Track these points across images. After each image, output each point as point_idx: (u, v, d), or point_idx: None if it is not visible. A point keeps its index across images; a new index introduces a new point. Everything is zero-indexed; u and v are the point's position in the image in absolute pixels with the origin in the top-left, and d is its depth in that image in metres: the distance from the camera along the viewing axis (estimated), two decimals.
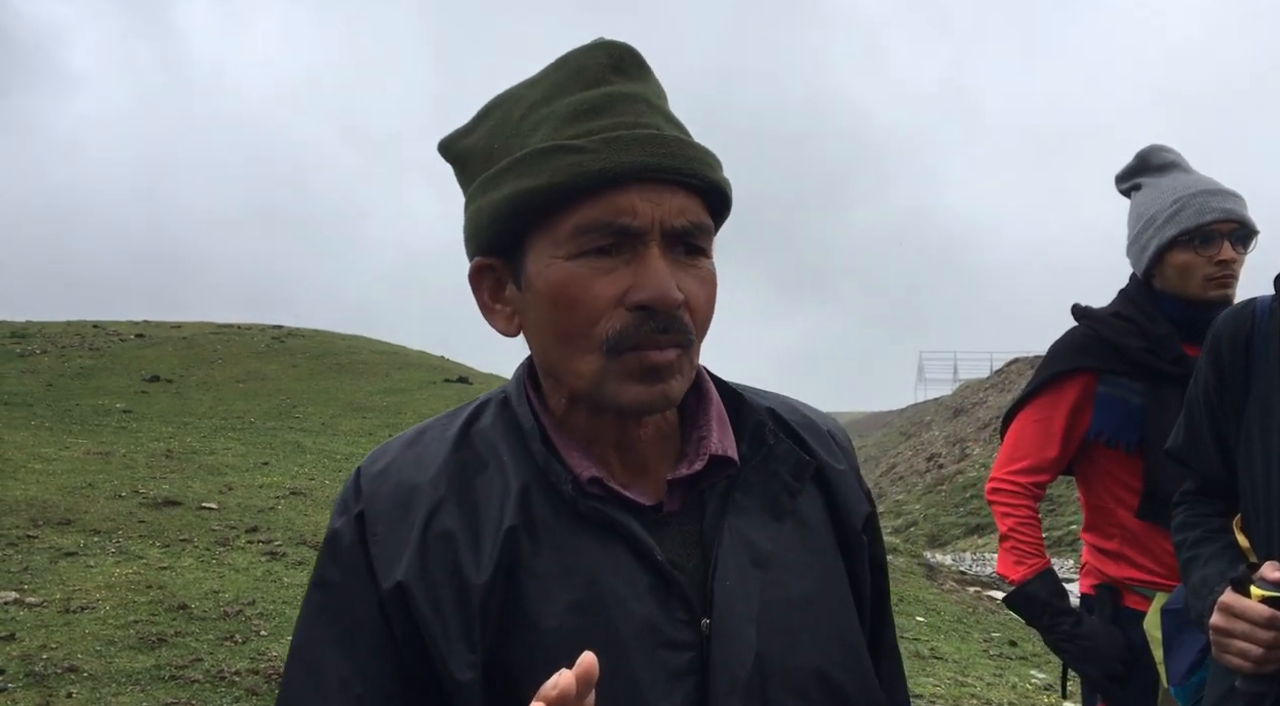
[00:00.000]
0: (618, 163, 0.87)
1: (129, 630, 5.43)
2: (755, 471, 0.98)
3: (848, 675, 0.95)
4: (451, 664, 0.87)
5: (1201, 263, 2.18)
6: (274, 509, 8.65)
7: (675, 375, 0.90)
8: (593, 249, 0.88)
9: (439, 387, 15.99)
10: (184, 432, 11.93)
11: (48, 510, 7.74)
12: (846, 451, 1.07)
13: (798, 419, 1.05)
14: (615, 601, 0.88)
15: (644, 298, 0.87)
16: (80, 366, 15.84)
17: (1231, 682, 1.54)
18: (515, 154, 0.91)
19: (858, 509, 1.03)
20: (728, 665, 0.89)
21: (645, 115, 0.91)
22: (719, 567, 0.92)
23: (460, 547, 0.90)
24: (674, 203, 0.89)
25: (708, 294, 0.93)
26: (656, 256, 0.88)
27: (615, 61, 0.93)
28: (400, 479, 0.94)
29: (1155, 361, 2.20)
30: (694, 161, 0.90)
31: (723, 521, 0.94)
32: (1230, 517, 1.68)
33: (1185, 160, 2.33)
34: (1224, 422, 1.66)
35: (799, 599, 0.95)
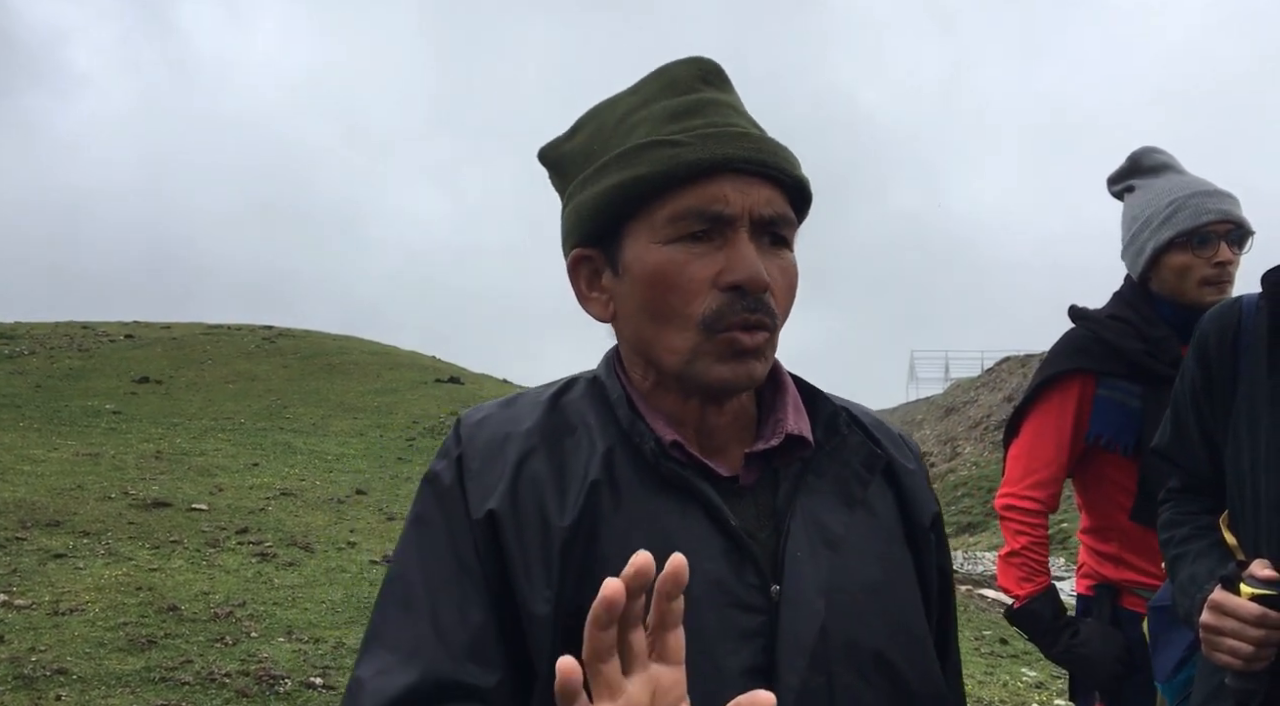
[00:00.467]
0: (712, 154, 0.95)
1: (118, 632, 5.40)
2: (828, 458, 1.03)
3: (910, 664, 0.99)
4: (530, 597, 0.92)
5: (1199, 264, 2.17)
6: (264, 510, 8.62)
7: (760, 358, 0.97)
8: (688, 234, 0.96)
9: (430, 388, 15.96)
10: (174, 433, 11.89)
11: (36, 512, 7.70)
12: (916, 455, 1.12)
13: (870, 420, 1.12)
14: (689, 560, 0.90)
15: (736, 278, 0.94)
16: (69, 367, 15.78)
17: (1221, 679, 1.54)
18: (615, 151, 0.99)
19: (926, 507, 1.08)
20: (795, 630, 0.94)
21: (734, 117, 1.00)
22: (790, 538, 0.97)
23: (547, 492, 0.96)
24: (762, 193, 0.96)
25: (789, 282, 0.99)
26: (746, 241, 0.95)
27: (704, 74, 1.03)
28: (496, 428, 1.01)
29: (1154, 364, 2.19)
30: (780, 157, 0.98)
31: (795, 497, 1.00)
32: (1217, 515, 1.69)
33: (1178, 161, 2.32)
34: (1211, 420, 1.66)
35: (866, 584, 0.99)
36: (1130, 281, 2.32)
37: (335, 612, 6.15)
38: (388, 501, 9.44)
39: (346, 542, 7.84)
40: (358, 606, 6.30)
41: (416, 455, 11.88)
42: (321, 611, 6.15)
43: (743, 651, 0.92)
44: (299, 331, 20.41)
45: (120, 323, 20.63)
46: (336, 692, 4.89)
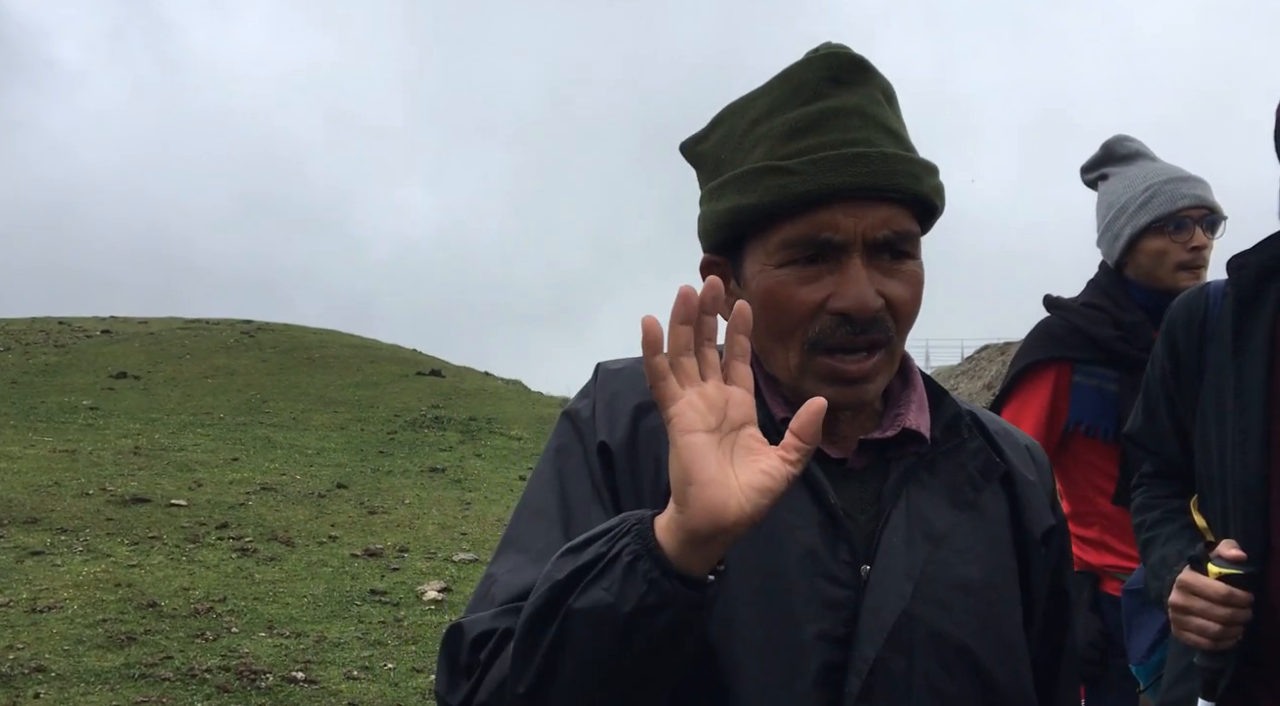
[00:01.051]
0: (821, 185, 0.97)
1: (97, 629, 5.37)
2: (945, 457, 1.06)
3: (999, 664, 1.01)
4: None
5: (1175, 249, 2.20)
6: (244, 505, 8.58)
7: (871, 379, 1.01)
8: (799, 259, 0.99)
9: (411, 381, 15.91)
10: (152, 429, 11.80)
11: (13, 509, 7.63)
12: (1041, 467, 1.14)
13: (997, 428, 1.13)
14: (785, 527, 0.98)
15: (843, 305, 0.98)
16: (45, 363, 15.63)
17: (1190, 659, 1.56)
18: (736, 169, 1.03)
19: (1041, 519, 1.09)
20: (878, 609, 0.97)
21: (856, 130, 1.00)
22: (889, 523, 1.01)
23: (663, 444, 0.96)
24: (876, 216, 0.98)
25: (912, 293, 1.02)
26: (857, 266, 0.98)
27: (834, 73, 1.02)
28: (628, 380, 1.07)
29: (1129, 349, 2.22)
30: (897, 176, 0.98)
31: (902, 488, 1.03)
32: (1188, 498, 1.71)
33: (1150, 149, 2.34)
34: (1180, 405, 1.68)
35: (963, 581, 1.02)
36: (1105, 268, 2.34)
37: (316, 607, 6.13)
38: (369, 495, 9.41)
39: (328, 536, 7.81)
40: (339, 600, 6.28)
41: (398, 448, 11.84)
42: (303, 606, 6.13)
43: (825, 619, 0.97)
44: (278, 325, 20.28)
45: (97, 318, 20.44)
46: (318, 687, 4.88)
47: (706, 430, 0.82)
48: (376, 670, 5.16)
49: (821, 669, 0.96)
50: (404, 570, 7.04)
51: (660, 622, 0.81)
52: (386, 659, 5.32)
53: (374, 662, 5.25)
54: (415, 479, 10.37)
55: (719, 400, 0.83)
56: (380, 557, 7.31)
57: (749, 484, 0.81)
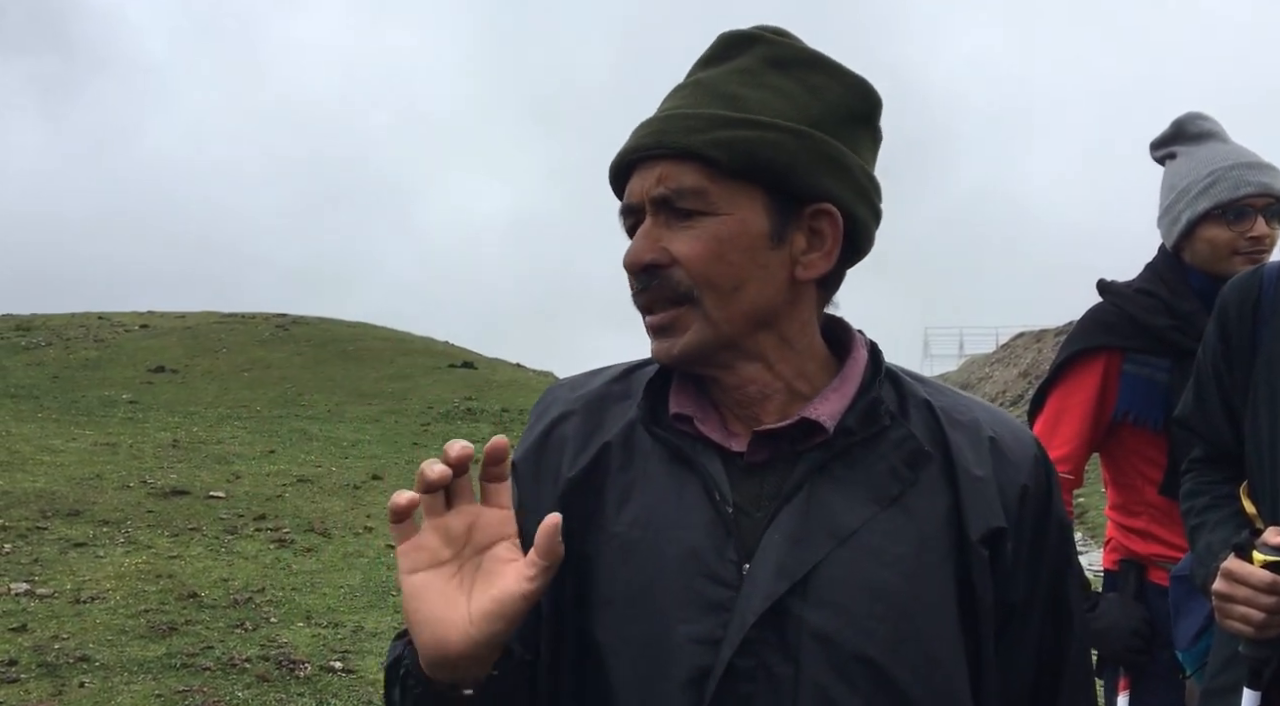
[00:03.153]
0: (620, 153, 1.01)
1: (139, 619, 5.46)
2: (862, 449, 0.98)
3: (915, 680, 0.92)
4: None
5: (1233, 238, 2.13)
6: (281, 496, 8.68)
7: (676, 333, 0.99)
8: (627, 228, 1.03)
9: (443, 373, 16.01)
10: (190, 422, 11.96)
11: (56, 501, 7.77)
12: (1009, 463, 1.00)
13: (961, 417, 1.02)
14: (670, 524, 0.97)
15: (624, 262, 1.00)
16: (86, 358, 15.88)
17: (1235, 647, 1.54)
18: None
19: (982, 520, 0.97)
20: (742, 608, 0.93)
21: (679, 100, 1.01)
22: (776, 519, 0.95)
23: (568, 450, 1.03)
24: (652, 174, 0.99)
25: (703, 249, 0.97)
26: (645, 225, 0.99)
27: (710, 53, 1.04)
28: (555, 394, 1.11)
29: (1182, 339, 2.15)
30: (664, 133, 0.98)
31: (806, 483, 0.96)
32: (1238, 484, 1.68)
33: (1223, 129, 2.27)
34: (1232, 390, 1.65)
35: (875, 587, 0.93)
36: (1164, 252, 2.28)
37: (353, 597, 6.20)
38: (404, 486, 9.42)
39: (363, 528, 7.89)
40: (375, 590, 6.34)
41: (431, 440, 11.92)
42: (340, 596, 6.19)
43: (703, 621, 0.93)
44: (312, 319, 20.47)
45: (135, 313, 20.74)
46: (356, 676, 4.93)
47: (432, 565, 0.87)
48: None
49: (693, 671, 0.92)
50: None
51: None
52: None
53: None
54: None
55: (459, 529, 0.88)
56: None
57: (479, 612, 0.85)
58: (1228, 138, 2.25)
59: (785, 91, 1.00)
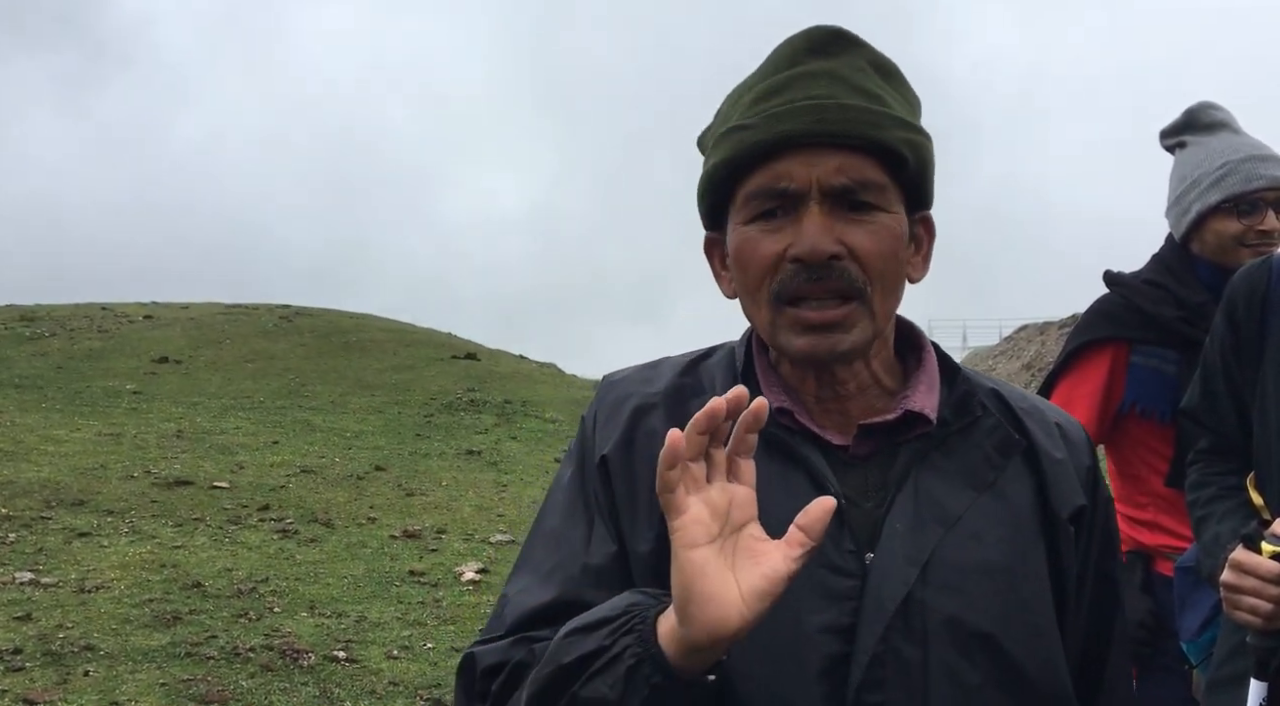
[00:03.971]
0: (773, 133, 0.97)
1: (144, 608, 5.47)
2: (958, 438, 1.03)
3: (1026, 651, 0.98)
4: (634, 536, 1.01)
5: (1243, 230, 2.12)
6: (285, 487, 8.69)
7: (843, 330, 0.98)
8: (761, 213, 0.99)
9: (446, 364, 16.01)
10: (194, 413, 11.97)
11: (61, 491, 7.79)
12: (1074, 445, 1.09)
13: (1025, 405, 1.09)
14: (785, 518, 0.97)
15: (797, 251, 0.97)
16: (89, 348, 15.89)
17: (1242, 637, 1.54)
18: (713, 139, 1.05)
19: (1069, 499, 1.04)
20: (879, 596, 0.95)
21: (820, 88, 0.99)
22: (893, 509, 0.99)
23: (659, 445, 1.00)
24: (831, 163, 0.97)
25: (878, 245, 0.98)
26: (814, 214, 0.97)
27: (811, 44, 1.02)
28: (626, 388, 1.10)
29: (1190, 330, 2.15)
30: (852, 123, 0.97)
31: (911, 472, 1.00)
32: (1245, 475, 1.67)
33: (1235, 120, 2.25)
34: (1240, 381, 1.65)
35: (983, 565, 0.98)
36: (1171, 242, 2.27)
37: (357, 587, 6.21)
38: (407, 477, 9.49)
39: (366, 518, 7.90)
40: (378, 581, 6.35)
41: (434, 431, 11.93)
42: (343, 586, 6.20)
43: (828, 611, 0.95)
44: (315, 310, 20.47)
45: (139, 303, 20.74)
46: (359, 666, 4.95)
47: (709, 541, 0.84)
48: (416, 649, 5.22)
49: (826, 661, 0.95)
50: (442, 551, 7.10)
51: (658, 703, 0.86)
52: (426, 638, 5.38)
53: (414, 642, 5.31)
54: (452, 461, 10.44)
55: (723, 504, 0.86)
56: (418, 539, 7.37)
57: (750, 590, 0.83)
58: (1240, 128, 2.23)
59: (900, 99, 1.04)
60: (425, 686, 4.77)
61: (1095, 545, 1.08)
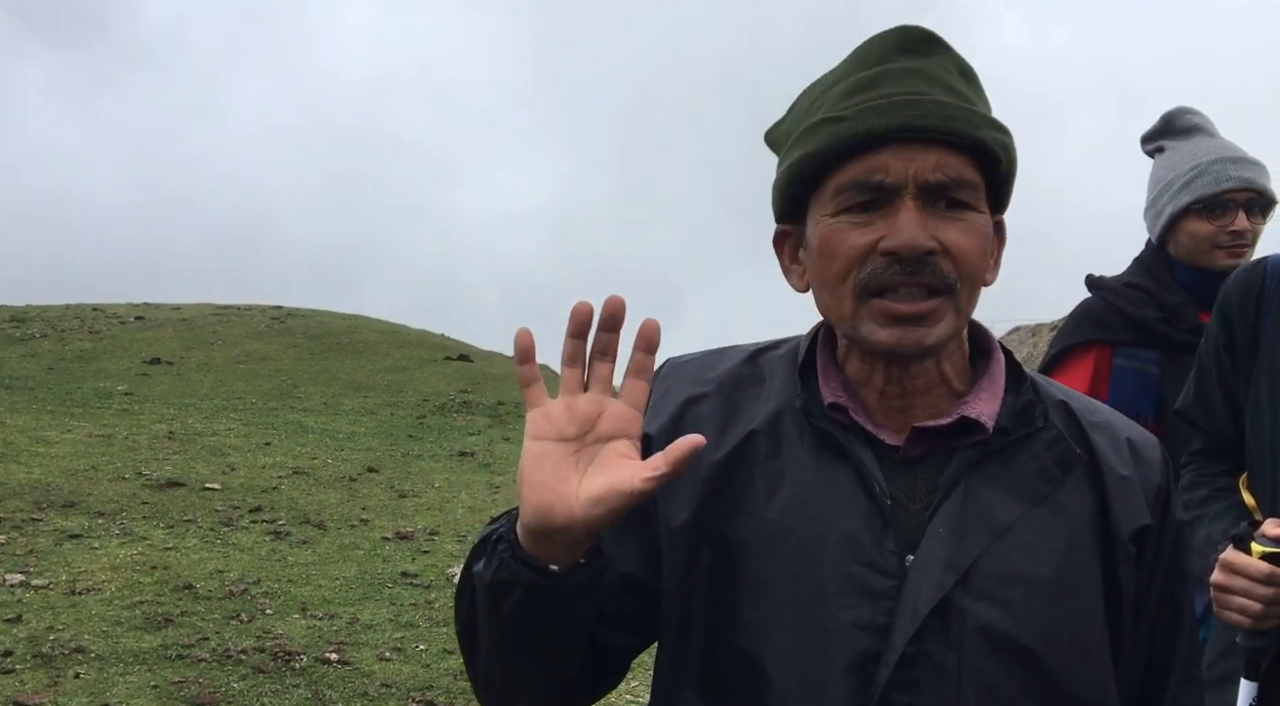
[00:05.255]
0: (871, 125, 0.96)
1: (135, 610, 5.45)
2: (1016, 448, 1.02)
3: (1068, 668, 0.97)
4: (669, 512, 1.03)
5: (1214, 232, 2.16)
6: (277, 488, 8.67)
7: (930, 323, 0.97)
8: (853, 205, 0.98)
9: (439, 366, 16.00)
10: (185, 414, 11.94)
11: (51, 493, 7.75)
12: (1145, 463, 1.06)
13: (1096, 419, 1.07)
14: (827, 513, 0.99)
15: (892, 244, 0.96)
16: (80, 349, 15.84)
17: (1233, 637, 1.54)
18: (799, 131, 1.03)
19: (1132, 518, 1.02)
20: (913, 599, 0.95)
21: (915, 85, 0.99)
22: (939, 514, 0.98)
23: (707, 430, 1.03)
24: (928, 159, 0.96)
25: (972, 243, 0.98)
26: (910, 208, 0.96)
27: (902, 43, 1.02)
28: (686, 373, 1.11)
29: (1171, 331, 2.18)
30: (951, 120, 0.97)
31: (962, 479, 1.00)
32: (1238, 477, 1.68)
33: (1211, 124, 2.28)
34: (1234, 382, 1.65)
35: (1030, 579, 0.97)
36: (1151, 246, 2.31)
37: (349, 589, 6.19)
38: (399, 479, 9.48)
39: (359, 519, 7.88)
40: (371, 582, 6.34)
41: (427, 433, 11.91)
42: (335, 588, 6.19)
43: (864, 607, 0.96)
44: (307, 311, 20.44)
45: (130, 304, 20.68)
46: (352, 668, 4.93)
47: (556, 438, 0.90)
48: (409, 651, 5.21)
49: (857, 656, 0.95)
50: (434, 553, 7.09)
51: (514, 596, 0.91)
52: (418, 640, 5.37)
53: (406, 644, 5.30)
54: (445, 462, 10.43)
55: (589, 412, 0.90)
56: (411, 540, 7.36)
57: (586, 493, 0.88)
58: (1215, 132, 2.27)
59: (984, 102, 1.04)
60: (418, 688, 4.76)
61: (1161, 567, 1.05)
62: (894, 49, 1.02)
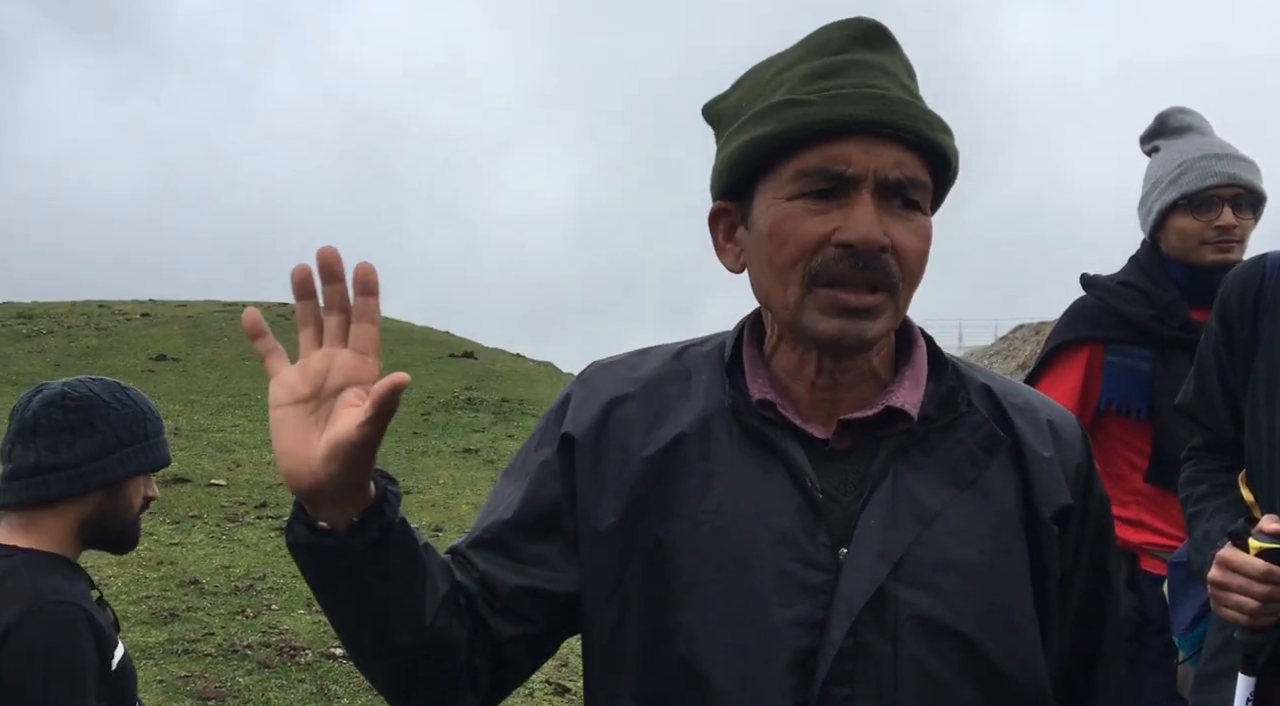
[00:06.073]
0: (838, 114, 0.96)
1: (142, 605, 5.48)
2: (939, 434, 1.02)
3: (1001, 647, 0.98)
4: (596, 515, 1.02)
5: (1201, 227, 2.19)
6: (282, 484, 8.68)
7: (873, 318, 0.98)
8: (811, 191, 0.97)
9: (444, 363, 16.01)
10: (191, 410, 11.97)
11: None
12: (1065, 443, 1.07)
13: (1017, 401, 1.08)
14: (761, 511, 0.99)
15: (848, 237, 0.96)
16: (87, 346, 15.87)
17: (1230, 633, 1.55)
18: (754, 109, 1.02)
19: (1053, 498, 1.03)
20: (848, 592, 0.96)
21: (877, 79, 0.99)
22: (869, 505, 0.99)
23: (633, 431, 1.04)
24: (890, 155, 0.96)
25: (918, 245, 0.99)
26: (867, 202, 0.96)
27: (859, 35, 1.02)
28: (609, 374, 1.10)
29: (1162, 328, 2.20)
30: (915, 120, 0.97)
31: (890, 468, 1.00)
32: (1237, 473, 1.69)
33: (1205, 123, 2.31)
34: (1233, 378, 1.66)
35: (960, 564, 0.99)
36: (1145, 244, 2.34)
37: None
38: (404, 476, 9.49)
39: None
40: None
41: (431, 430, 11.93)
42: None
43: (800, 604, 0.96)
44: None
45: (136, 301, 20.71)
46: None
47: (292, 402, 0.90)
48: None
49: (796, 653, 0.95)
50: (439, 549, 7.11)
51: (303, 558, 0.94)
52: None
53: None
54: (449, 460, 10.45)
55: (320, 368, 0.91)
56: None
57: (317, 452, 0.88)
58: (1208, 131, 2.30)
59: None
60: None
61: (1086, 543, 1.07)
62: (852, 40, 1.01)
